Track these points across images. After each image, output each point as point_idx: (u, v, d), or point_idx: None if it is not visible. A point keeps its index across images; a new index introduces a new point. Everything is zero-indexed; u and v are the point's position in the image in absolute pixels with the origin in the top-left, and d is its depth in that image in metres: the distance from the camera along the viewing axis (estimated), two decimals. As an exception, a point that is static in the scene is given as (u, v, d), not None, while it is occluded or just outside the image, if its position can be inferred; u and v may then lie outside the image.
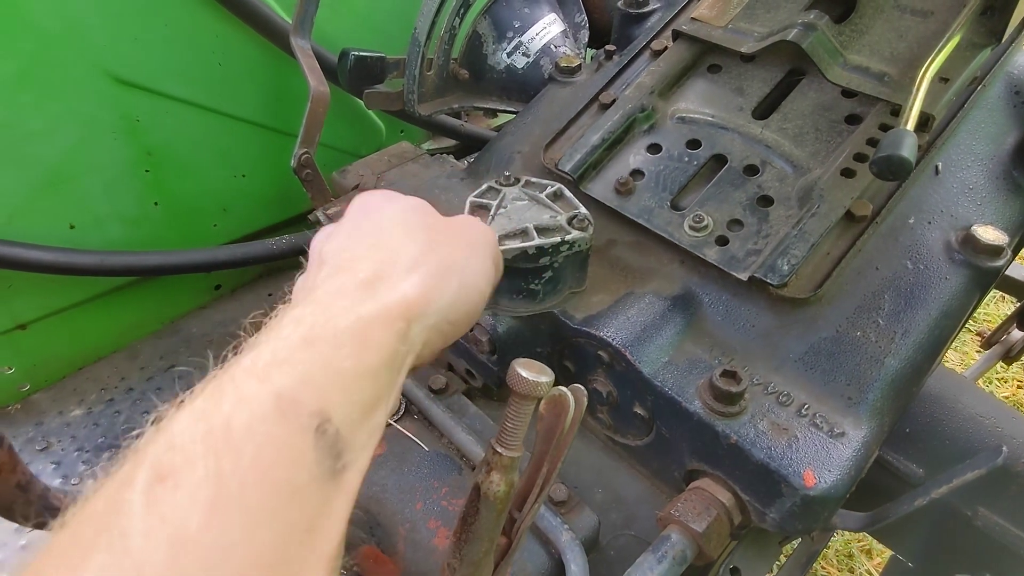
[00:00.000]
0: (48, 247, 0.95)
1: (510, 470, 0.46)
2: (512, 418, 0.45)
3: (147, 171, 1.04)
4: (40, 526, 0.36)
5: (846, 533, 1.89)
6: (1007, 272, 1.47)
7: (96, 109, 0.95)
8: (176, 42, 0.97)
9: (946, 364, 2.26)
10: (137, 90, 0.97)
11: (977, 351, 2.25)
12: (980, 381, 2.15)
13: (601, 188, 0.85)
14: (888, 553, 1.73)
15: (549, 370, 0.44)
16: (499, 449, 0.45)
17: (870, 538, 1.85)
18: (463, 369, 0.89)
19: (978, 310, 2.42)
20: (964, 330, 2.34)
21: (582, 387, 0.46)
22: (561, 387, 0.45)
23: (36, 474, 0.97)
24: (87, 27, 0.89)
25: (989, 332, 1.69)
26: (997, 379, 2.27)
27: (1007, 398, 2.21)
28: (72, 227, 1.00)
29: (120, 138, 0.99)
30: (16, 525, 0.94)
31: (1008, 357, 1.66)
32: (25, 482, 0.34)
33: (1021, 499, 0.88)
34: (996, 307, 2.47)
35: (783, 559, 1.25)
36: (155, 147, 1.03)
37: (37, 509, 0.35)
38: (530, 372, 0.43)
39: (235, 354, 0.36)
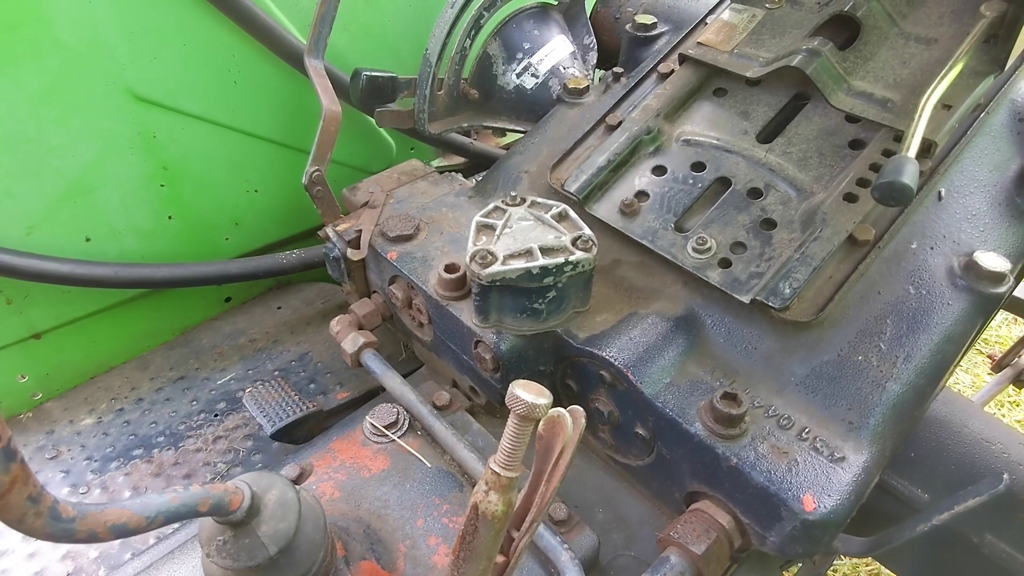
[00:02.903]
0: (64, 259, 0.97)
1: (508, 490, 0.46)
2: (511, 439, 0.45)
3: (163, 185, 1.06)
4: (49, 538, 0.37)
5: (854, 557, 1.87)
6: (1017, 294, 1.46)
7: (115, 125, 0.97)
8: (193, 61, 1.00)
9: (956, 387, 2.24)
10: (155, 107, 1.00)
11: (988, 373, 2.23)
12: (992, 404, 2.13)
13: (606, 209, 0.86)
14: (896, 578, 1.70)
15: (548, 392, 0.44)
16: (497, 469, 0.46)
17: (878, 562, 1.82)
18: (467, 386, 0.90)
19: (990, 332, 2.40)
20: (975, 352, 2.31)
21: (581, 408, 0.46)
22: (560, 408, 0.46)
23: (45, 483, 0.99)
24: (109, 46, 0.92)
25: (1000, 355, 1.68)
26: (1009, 403, 2.24)
27: (1020, 422, 2.18)
28: (88, 239, 1.03)
29: (137, 153, 1.01)
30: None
31: (1019, 381, 1.65)
32: (36, 494, 0.35)
33: (1028, 527, 0.87)
34: (1008, 329, 2.44)
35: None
36: (171, 162, 1.05)
37: (46, 521, 0.36)
38: (529, 394, 0.43)
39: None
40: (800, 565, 1.10)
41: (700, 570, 0.65)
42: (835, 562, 1.79)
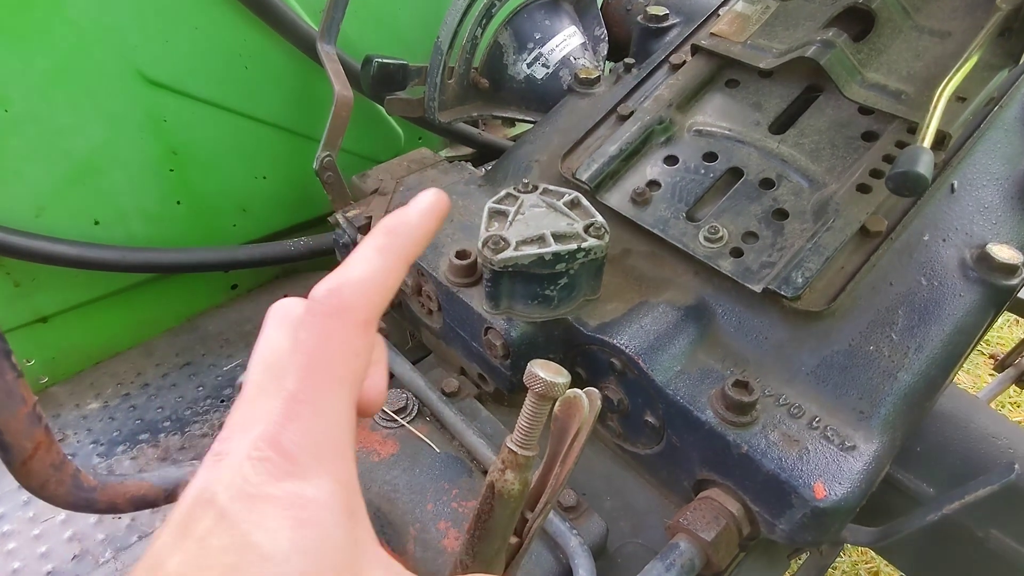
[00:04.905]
0: (73, 241, 0.97)
1: (525, 469, 0.46)
2: (528, 418, 0.45)
3: (171, 170, 1.06)
4: (70, 507, 0.37)
5: (853, 555, 1.87)
6: (1021, 295, 1.47)
7: (125, 107, 0.97)
8: (205, 45, 1.00)
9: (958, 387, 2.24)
10: (165, 90, 0.99)
11: (990, 374, 2.23)
12: (993, 404, 2.13)
13: (618, 198, 0.86)
14: (896, 575, 1.71)
15: (566, 372, 0.44)
16: (514, 448, 0.46)
17: (878, 560, 1.83)
18: (475, 374, 0.90)
19: (992, 333, 2.41)
20: (977, 352, 2.32)
21: (597, 391, 0.46)
22: (576, 390, 0.46)
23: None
24: (121, 28, 0.92)
25: (1003, 355, 1.68)
26: (1010, 403, 2.25)
27: (1020, 423, 2.18)
28: (97, 223, 1.02)
29: (147, 137, 1.01)
30: (25, 496, 0.95)
31: (1021, 381, 1.65)
32: (59, 462, 0.35)
33: (1034, 522, 0.87)
34: (1010, 331, 2.45)
35: (790, 574, 1.25)
36: (180, 146, 1.05)
37: (69, 489, 0.36)
38: (547, 372, 0.43)
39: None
40: (806, 555, 1.11)
41: (709, 557, 0.65)
42: (835, 560, 1.79)
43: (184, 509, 0.28)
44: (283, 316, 0.36)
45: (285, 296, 1.21)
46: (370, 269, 0.32)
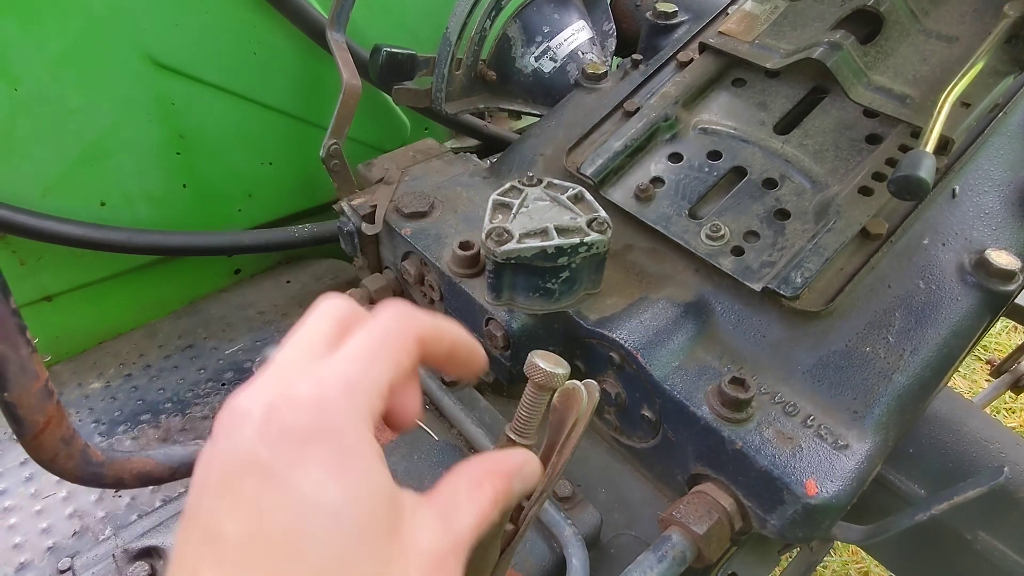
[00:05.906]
0: (80, 222, 0.98)
1: (522, 457, 0.47)
2: (527, 407, 0.46)
3: (178, 153, 1.07)
4: (79, 480, 0.38)
5: (844, 554, 1.89)
6: (1019, 301, 1.47)
7: (134, 90, 0.98)
8: (214, 30, 1.00)
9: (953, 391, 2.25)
10: (174, 74, 1.00)
11: (986, 379, 2.24)
12: (988, 409, 2.14)
13: (621, 194, 0.86)
14: (886, 575, 1.73)
15: (565, 363, 0.45)
16: (513, 436, 0.46)
17: (868, 559, 1.85)
18: (475, 363, 0.91)
19: (989, 339, 2.42)
20: (974, 358, 2.33)
21: (595, 383, 0.47)
22: (575, 381, 0.47)
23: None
24: (131, 10, 0.92)
25: (999, 361, 1.69)
26: (1005, 409, 2.26)
27: (1015, 429, 2.20)
28: (103, 204, 1.03)
29: (155, 120, 1.02)
30: (28, 473, 0.96)
31: (1017, 387, 1.66)
32: (69, 436, 0.36)
33: (1022, 525, 0.88)
34: (1007, 337, 2.46)
35: (779, 571, 1.26)
36: (187, 130, 1.06)
37: (77, 463, 0.37)
38: (547, 363, 0.44)
39: None
40: (797, 551, 1.12)
41: (701, 550, 0.66)
42: (824, 559, 1.81)
43: (225, 467, 0.27)
44: (329, 311, 0.39)
45: (287, 282, 1.22)
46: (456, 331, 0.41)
